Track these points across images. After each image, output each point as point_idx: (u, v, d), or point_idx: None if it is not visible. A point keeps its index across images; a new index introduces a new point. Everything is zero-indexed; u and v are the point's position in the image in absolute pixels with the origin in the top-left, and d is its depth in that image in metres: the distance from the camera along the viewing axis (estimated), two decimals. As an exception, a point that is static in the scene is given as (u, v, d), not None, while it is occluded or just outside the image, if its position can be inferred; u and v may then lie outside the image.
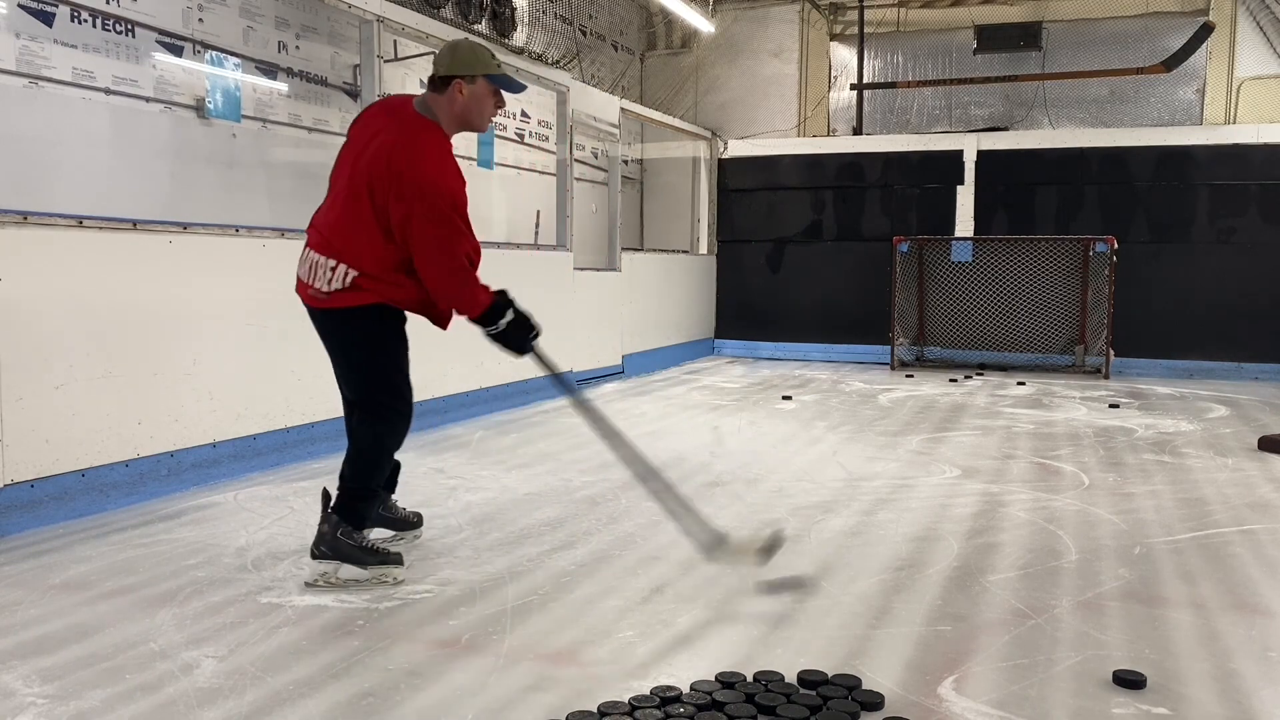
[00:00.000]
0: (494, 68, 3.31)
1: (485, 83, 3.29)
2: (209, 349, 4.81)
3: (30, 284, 3.98)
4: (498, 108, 3.38)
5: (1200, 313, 10.12)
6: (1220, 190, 10.08)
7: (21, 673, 2.62)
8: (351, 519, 3.33)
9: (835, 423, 6.91)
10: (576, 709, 2.41)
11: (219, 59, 6.18)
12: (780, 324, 11.65)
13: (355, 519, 3.34)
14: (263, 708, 2.43)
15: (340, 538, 3.30)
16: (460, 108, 3.29)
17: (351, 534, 3.32)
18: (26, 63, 5.19)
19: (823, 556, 3.72)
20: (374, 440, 3.38)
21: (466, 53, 3.30)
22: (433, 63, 3.36)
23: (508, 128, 9.61)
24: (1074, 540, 3.96)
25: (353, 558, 3.31)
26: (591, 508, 4.44)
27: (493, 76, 3.30)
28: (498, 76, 3.31)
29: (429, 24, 6.65)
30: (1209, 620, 3.10)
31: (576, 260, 8.51)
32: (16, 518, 3.93)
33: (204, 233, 4.87)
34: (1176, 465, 5.51)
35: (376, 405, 3.37)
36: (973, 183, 10.87)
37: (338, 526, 3.30)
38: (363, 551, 3.33)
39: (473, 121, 3.36)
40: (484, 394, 7.09)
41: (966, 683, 2.61)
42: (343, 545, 3.30)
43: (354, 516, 3.34)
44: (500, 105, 3.38)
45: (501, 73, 3.34)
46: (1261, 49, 10.56)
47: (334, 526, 3.30)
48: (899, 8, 11.76)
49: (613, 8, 11.80)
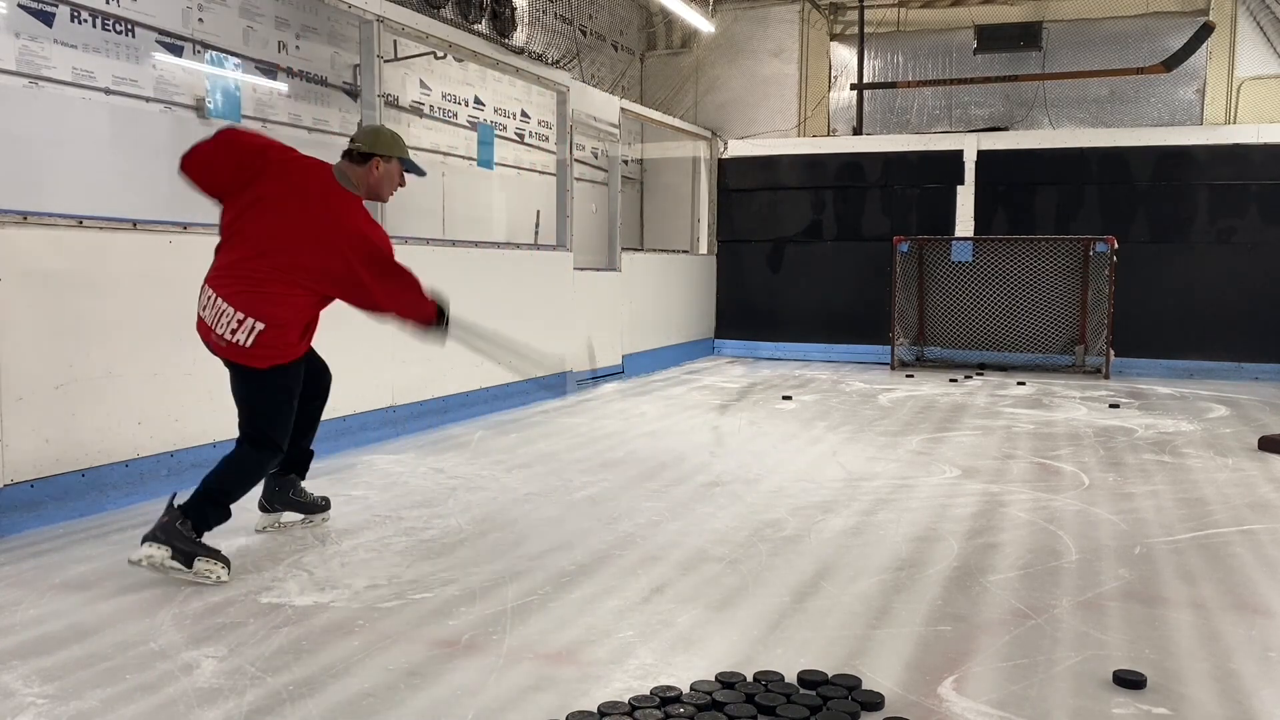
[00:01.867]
0: (406, 153, 3.92)
1: (398, 164, 3.88)
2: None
3: (30, 284, 3.98)
4: (400, 185, 3.96)
5: (1200, 313, 10.12)
6: (1220, 190, 10.08)
7: (21, 673, 2.62)
8: (198, 520, 3.41)
9: (835, 423, 6.91)
10: (576, 709, 2.41)
11: (219, 59, 6.18)
12: (780, 324, 11.65)
13: (201, 522, 3.43)
14: (263, 708, 2.43)
15: (179, 529, 3.35)
16: (375, 180, 3.81)
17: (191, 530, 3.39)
18: (26, 63, 5.19)
19: (823, 556, 3.72)
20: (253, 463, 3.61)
21: (388, 137, 3.88)
22: (353, 139, 3.83)
23: (508, 128, 9.62)
24: (1074, 540, 3.96)
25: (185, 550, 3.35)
26: (591, 508, 4.44)
27: (404, 160, 3.90)
28: (407, 161, 3.92)
29: (429, 24, 6.65)
30: (1209, 620, 3.10)
31: (576, 260, 8.51)
32: (16, 518, 3.93)
33: (204, 233, 4.85)
34: (1177, 465, 5.51)
35: (265, 440, 3.61)
36: (973, 183, 10.87)
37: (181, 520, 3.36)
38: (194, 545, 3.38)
39: (381, 193, 3.89)
40: (484, 394, 7.09)
41: (966, 683, 2.61)
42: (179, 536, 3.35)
43: (201, 519, 3.43)
44: (402, 184, 3.96)
45: (410, 159, 3.94)
46: (1261, 49, 10.57)
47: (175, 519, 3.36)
48: (899, 8, 11.77)
49: (613, 8, 11.80)
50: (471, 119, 8.99)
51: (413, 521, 4.15)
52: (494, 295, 7.23)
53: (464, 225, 8.59)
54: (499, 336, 4.19)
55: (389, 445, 5.85)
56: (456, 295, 6.03)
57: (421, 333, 3.79)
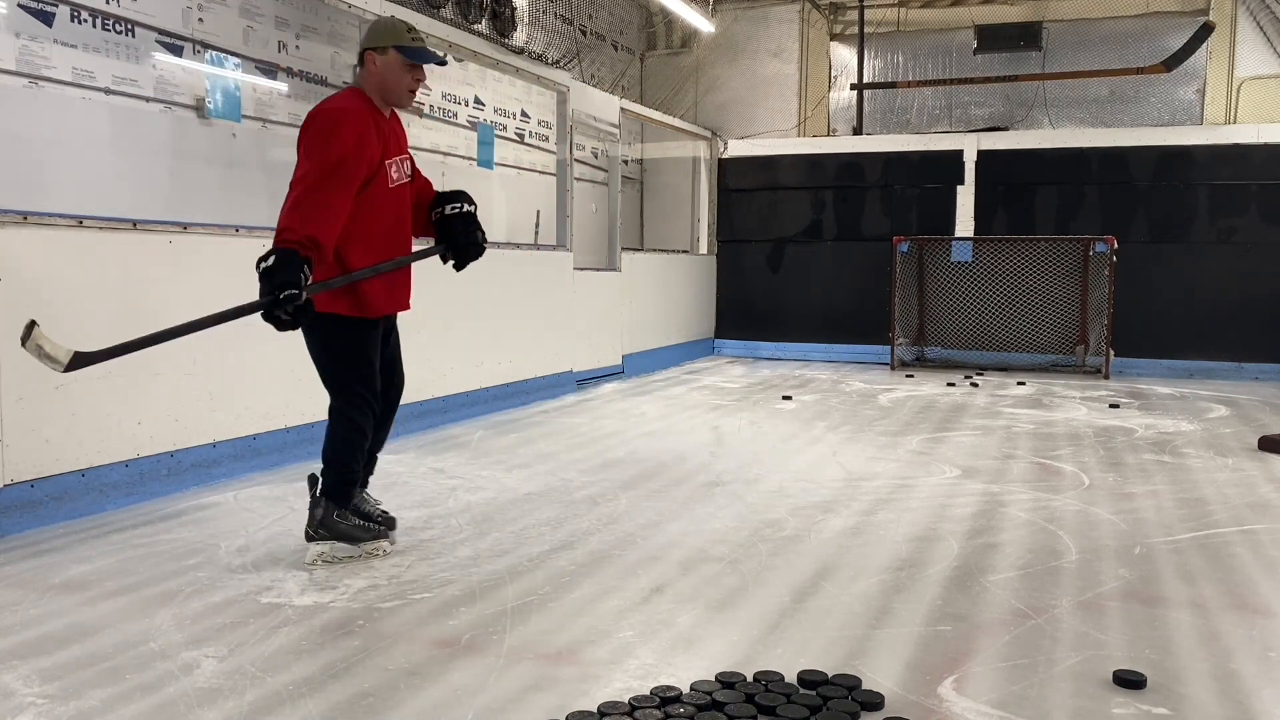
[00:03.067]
0: (405, 40, 3.31)
1: (396, 54, 3.30)
2: (209, 349, 4.80)
3: (30, 284, 3.98)
4: (416, 80, 3.39)
5: (1200, 313, 10.12)
6: (1220, 190, 10.08)
7: (21, 673, 2.62)
8: (338, 497, 3.48)
9: (835, 423, 6.91)
10: (576, 709, 2.41)
11: (219, 59, 6.17)
12: (780, 324, 11.65)
13: (342, 498, 3.50)
14: (263, 708, 2.43)
15: (332, 519, 3.46)
16: (377, 80, 3.34)
17: (344, 514, 3.49)
18: (26, 63, 5.19)
19: (823, 556, 3.72)
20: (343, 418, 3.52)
21: (381, 26, 3.36)
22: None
23: (508, 128, 9.62)
24: (1074, 540, 3.96)
25: (347, 535, 3.49)
26: (591, 508, 4.44)
27: (403, 47, 3.30)
28: (408, 48, 3.31)
29: (429, 24, 6.64)
30: (1209, 620, 3.10)
31: (576, 260, 8.51)
32: (16, 518, 3.93)
33: (204, 233, 4.87)
34: (1177, 465, 5.51)
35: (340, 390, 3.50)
36: (973, 183, 10.88)
37: (326, 506, 3.45)
38: (355, 529, 3.50)
39: (391, 92, 3.36)
40: (484, 394, 7.09)
41: (966, 683, 2.61)
42: (337, 525, 3.47)
43: (338, 494, 3.49)
44: (419, 78, 3.39)
45: (411, 44, 3.33)
46: (1261, 49, 10.57)
47: (326, 509, 3.45)
48: (899, 8, 11.77)
49: (613, 8, 11.80)
50: (471, 119, 8.99)
51: (413, 521, 4.15)
52: (494, 295, 7.23)
53: (464, 225, 8.57)
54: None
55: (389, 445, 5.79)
56: (457, 295, 6.00)
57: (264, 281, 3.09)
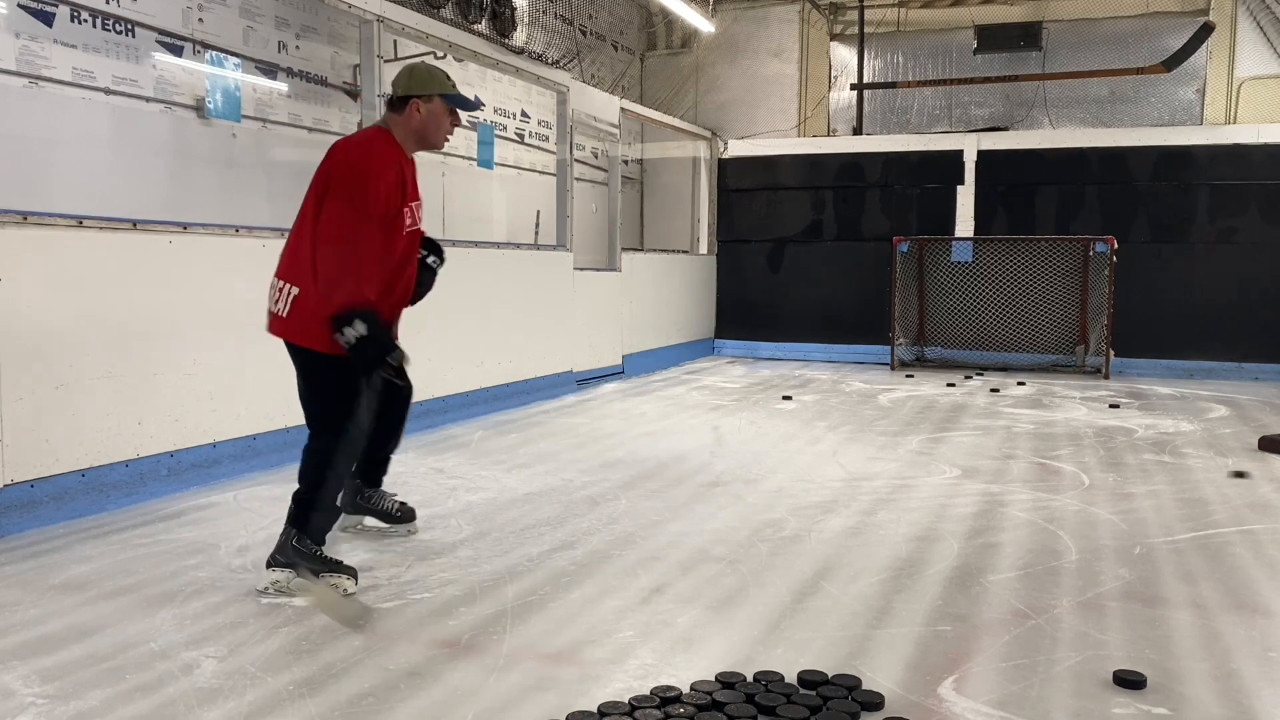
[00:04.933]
0: (449, 87, 3.46)
1: (441, 101, 3.44)
2: (209, 349, 4.80)
3: (30, 284, 3.98)
4: (454, 125, 3.52)
5: (1200, 313, 10.12)
6: (1220, 190, 10.08)
7: (21, 673, 2.62)
8: (304, 528, 3.29)
9: (835, 423, 6.91)
10: (576, 709, 2.41)
11: (219, 59, 6.17)
12: (780, 324, 11.65)
13: (308, 528, 3.29)
14: (263, 708, 2.43)
15: (295, 546, 3.26)
16: (418, 124, 3.43)
17: (306, 541, 3.28)
18: (26, 63, 5.19)
19: (823, 556, 3.72)
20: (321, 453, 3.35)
21: (423, 73, 3.45)
22: (391, 85, 3.49)
23: (508, 128, 9.62)
24: (1074, 540, 3.96)
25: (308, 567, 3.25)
26: (591, 508, 4.44)
27: (448, 95, 3.45)
28: (453, 95, 3.46)
29: (429, 24, 6.65)
30: (1209, 620, 3.10)
31: (576, 260, 8.51)
32: (16, 518, 3.93)
33: (204, 233, 4.87)
34: (1176, 465, 5.50)
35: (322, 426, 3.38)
36: (973, 183, 10.87)
37: (294, 535, 3.27)
38: (315, 560, 3.27)
39: (430, 137, 3.48)
40: (484, 394, 7.09)
41: (966, 683, 2.61)
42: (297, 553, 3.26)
43: (306, 525, 3.29)
44: (456, 123, 3.53)
45: (456, 92, 3.48)
46: (1261, 49, 10.57)
47: (288, 536, 3.28)
48: (899, 8, 11.77)
49: (613, 8, 11.80)
50: (471, 119, 8.99)
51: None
52: (494, 295, 7.24)
53: (464, 225, 8.59)
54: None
55: (389, 445, 5.84)
56: (457, 295, 6.00)
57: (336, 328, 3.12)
